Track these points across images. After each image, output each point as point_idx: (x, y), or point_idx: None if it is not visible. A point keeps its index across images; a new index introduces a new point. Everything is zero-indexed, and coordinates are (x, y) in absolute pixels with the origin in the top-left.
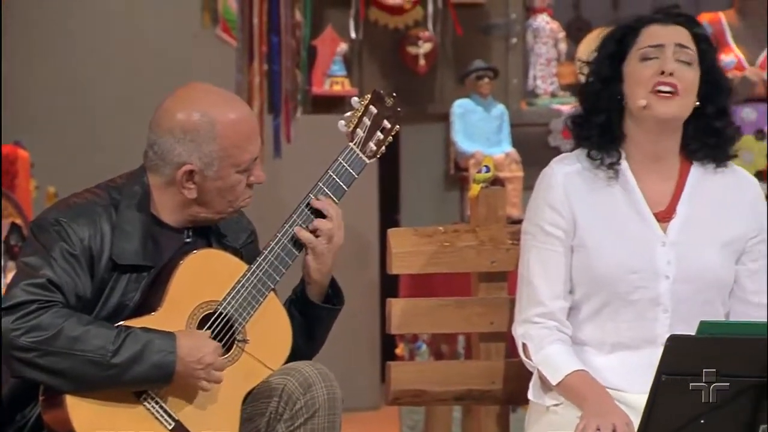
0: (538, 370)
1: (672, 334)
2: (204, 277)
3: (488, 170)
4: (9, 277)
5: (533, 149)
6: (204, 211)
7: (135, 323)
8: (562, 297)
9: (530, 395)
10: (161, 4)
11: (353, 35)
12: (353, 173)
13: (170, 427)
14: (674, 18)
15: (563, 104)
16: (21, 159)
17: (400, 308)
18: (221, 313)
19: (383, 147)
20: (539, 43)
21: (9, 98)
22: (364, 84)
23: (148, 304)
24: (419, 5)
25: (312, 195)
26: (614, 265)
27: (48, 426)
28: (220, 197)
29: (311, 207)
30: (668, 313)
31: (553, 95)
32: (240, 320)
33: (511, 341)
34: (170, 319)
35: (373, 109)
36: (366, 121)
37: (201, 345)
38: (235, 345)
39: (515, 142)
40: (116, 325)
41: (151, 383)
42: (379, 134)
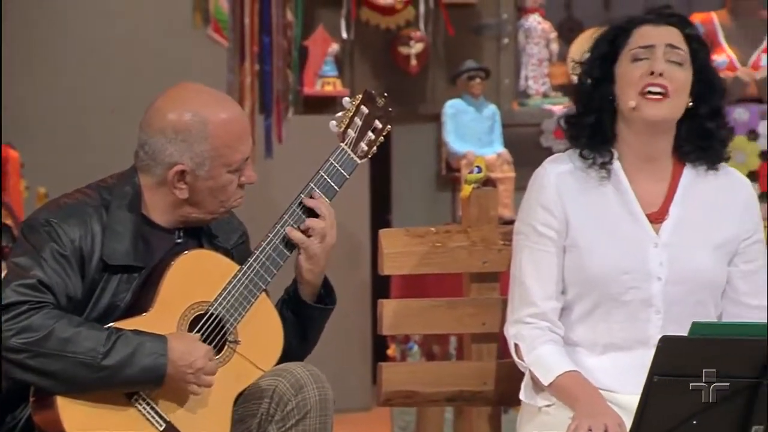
0: (530, 371)
1: (664, 335)
2: (195, 278)
3: (480, 171)
4: None
5: (525, 150)
6: (195, 212)
7: (126, 324)
8: (555, 297)
9: (522, 396)
10: (152, 5)
11: (344, 35)
12: (344, 173)
13: (161, 429)
14: (666, 18)
15: (555, 104)
16: (11, 159)
17: (392, 309)
18: (212, 314)
19: (374, 147)
20: (531, 44)
21: None
22: (356, 84)
23: (139, 305)
24: (411, 5)
25: (303, 195)
26: (606, 266)
27: (39, 427)
28: (212, 197)
29: (303, 207)
30: (660, 314)
31: (545, 95)
32: (231, 321)
33: (503, 342)
34: (161, 320)
35: (365, 110)
36: (357, 122)
37: (192, 349)
38: (227, 346)
39: (507, 143)
40: (107, 327)
41: (142, 386)
42: (371, 134)
